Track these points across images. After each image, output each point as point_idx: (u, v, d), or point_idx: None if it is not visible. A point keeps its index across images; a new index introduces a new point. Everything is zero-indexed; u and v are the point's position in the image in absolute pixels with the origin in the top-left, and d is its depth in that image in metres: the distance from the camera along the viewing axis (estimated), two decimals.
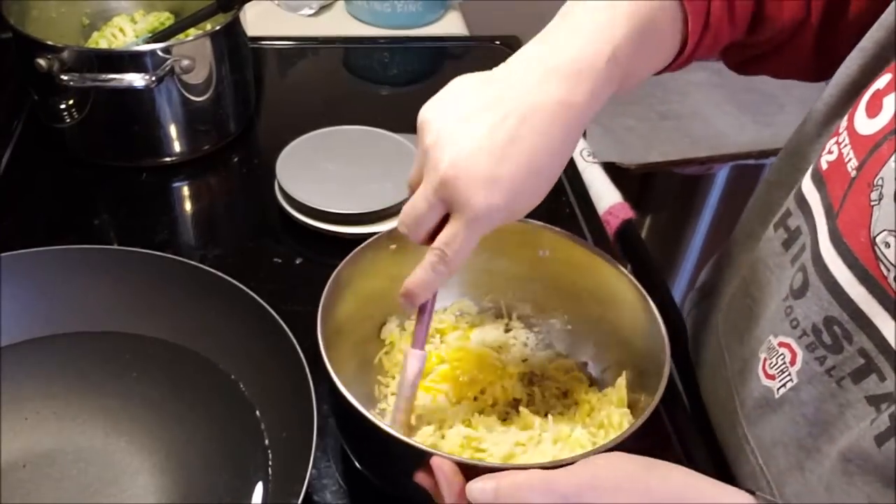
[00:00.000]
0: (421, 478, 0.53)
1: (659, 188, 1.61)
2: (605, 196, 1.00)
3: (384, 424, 0.55)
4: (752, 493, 0.49)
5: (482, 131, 0.52)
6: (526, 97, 0.53)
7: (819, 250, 0.55)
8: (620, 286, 0.66)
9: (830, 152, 0.57)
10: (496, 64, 0.59)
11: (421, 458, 0.53)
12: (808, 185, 0.59)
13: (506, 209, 0.54)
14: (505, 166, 0.52)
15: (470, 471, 0.51)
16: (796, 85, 0.71)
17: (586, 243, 0.70)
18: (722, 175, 1.61)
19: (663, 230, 1.71)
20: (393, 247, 0.68)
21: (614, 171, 1.26)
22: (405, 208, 0.57)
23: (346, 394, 0.56)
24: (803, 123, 0.66)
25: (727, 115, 1.64)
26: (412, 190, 0.57)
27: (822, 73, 0.66)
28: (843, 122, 0.56)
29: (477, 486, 0.49)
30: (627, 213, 0.97)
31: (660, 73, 0.62)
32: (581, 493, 0.48)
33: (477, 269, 0.72)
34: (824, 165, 0.57)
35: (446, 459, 0.52)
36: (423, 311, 0.60)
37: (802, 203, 0.59)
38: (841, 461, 0.54)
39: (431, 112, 0.55)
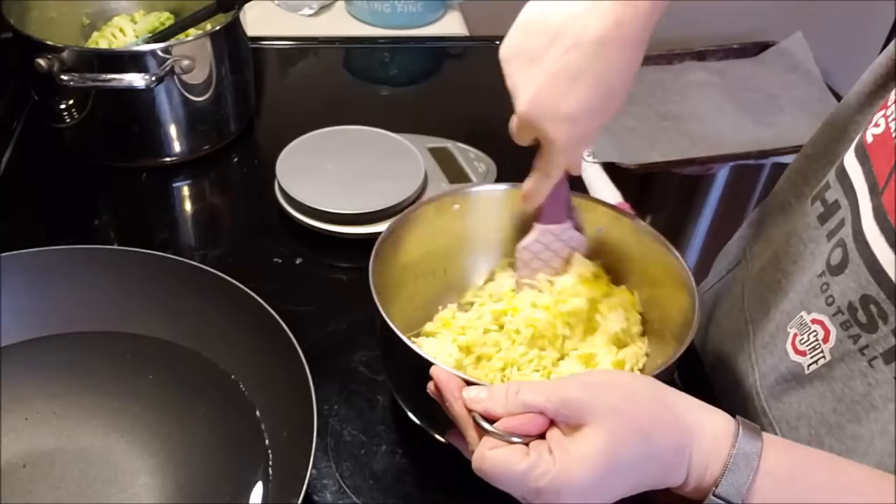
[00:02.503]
0: (430, 389, 0.55)
1: (659, 188, 1.60)
2: (605, 196, 1.00)
3: (399, 332, 0.59)
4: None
5: (548, 71, 0.57)
6: (583, 26, 0.55)
7: (861, 227, 0.55)
8: (667, 263, 0.67)
9: (877, 125, 0.56)
10: (496, 64, 0.59)
11: (426, 368, 0.55)
12: (850, 159, 0.58)
13: (587, 131, 0.60)
14: (574, 100, 0.57)
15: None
16: (796, 85, 0.71)
17: (640, 222, 0.71)
18: (722, 175, 1.61)
19: (663, 230, 1.70)
20: (456, 206, 0.71)
21: (614, 171, 1.26)
22: (511, 122, 0.62)
23: (379, 306, 0.60)
24: (848, 95, 0.65)
25: (727, 115, 1.64)
26: None
27: None
28: (892, 95, 0.55)
29: (471, 390, 0.52)
30: (627, 212, 0.97)
31: None
32: (566, 388, 0.49)
33: None
34: (869, 139, 0.56)
35: (443, 368, 0.54)
36: (554, 195, 0.67)
37: (843, 177, 0.59)
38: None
39: (506, 53, 0.60)
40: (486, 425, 0.49)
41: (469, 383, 0.53)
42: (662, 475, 0.48)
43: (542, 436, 0.49)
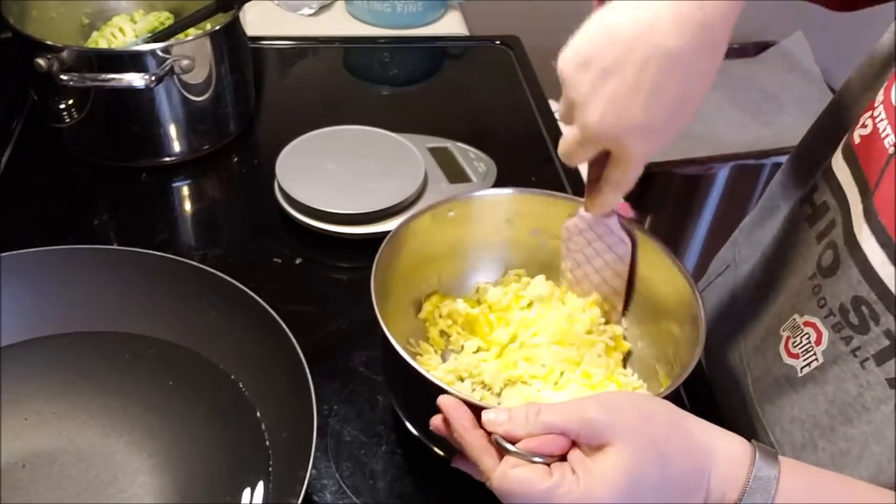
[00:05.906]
0: (437, 424, 0.54)
1: (659, 188, 1.61)
2: None
3: (407, 356, 0.57)
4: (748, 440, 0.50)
5: (626, 83, 0.53)
6: (663, 34, 0.52)
7: (852, 228, 0.55)
8: (668, 271, 0.66)
9: (864, 126, 0.56)
10: (496, 64, 0.58)
11: (435, 394, 0.53)
12: (838, 161, 0.58)
13: (661, 144, 0.57)
14: (653, 113, 0.54)
15: (477, 412, 0.52)
16: (796, 85, 0.71)
17: (647, 235, 0.69)
18: (722, 175, 1.61)
19: (663, 230, 1.71)
20: (452, 214, 0.70)
21: None
22: (563, 141, 0.60)
23: (384, 327, 0.59)
24: (836, 97, 0.65)
25: (727, 115, 1.64)
26: (564, 121, 0.60)
27: (849, 3, 0.64)
28: (879, 96, 0.55)
29: (490, 413, 0.51)
30: (627, 212, 0.97)
31: None
32: (586, 409, 0.48)
33: (529, 247, 0.73)
34: (857, 140, 0.56)
35: (450, 398, 0.53)
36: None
37: (831, 179, 0.59)
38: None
39: (570, 66, 0.56)
40: (508, 446, 0.48)
41: (475, 408, 0.52)
42: (680, 500, 0.48)
43: (563, 458, 0.48)
